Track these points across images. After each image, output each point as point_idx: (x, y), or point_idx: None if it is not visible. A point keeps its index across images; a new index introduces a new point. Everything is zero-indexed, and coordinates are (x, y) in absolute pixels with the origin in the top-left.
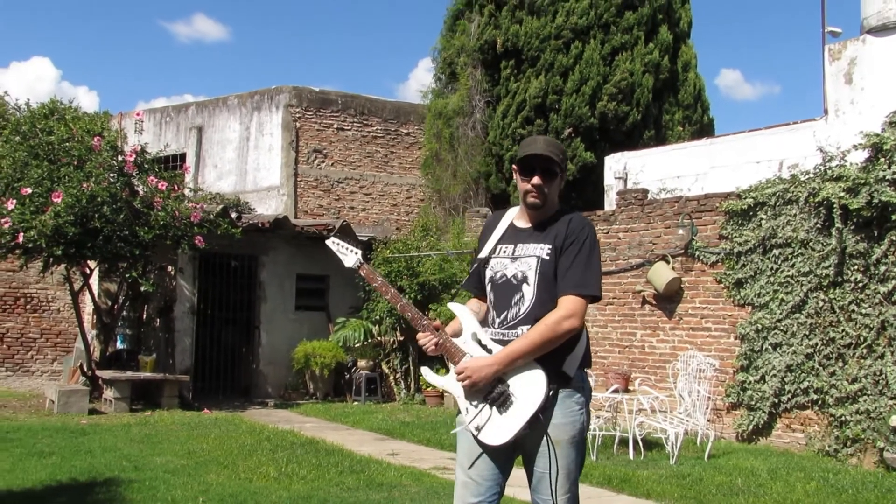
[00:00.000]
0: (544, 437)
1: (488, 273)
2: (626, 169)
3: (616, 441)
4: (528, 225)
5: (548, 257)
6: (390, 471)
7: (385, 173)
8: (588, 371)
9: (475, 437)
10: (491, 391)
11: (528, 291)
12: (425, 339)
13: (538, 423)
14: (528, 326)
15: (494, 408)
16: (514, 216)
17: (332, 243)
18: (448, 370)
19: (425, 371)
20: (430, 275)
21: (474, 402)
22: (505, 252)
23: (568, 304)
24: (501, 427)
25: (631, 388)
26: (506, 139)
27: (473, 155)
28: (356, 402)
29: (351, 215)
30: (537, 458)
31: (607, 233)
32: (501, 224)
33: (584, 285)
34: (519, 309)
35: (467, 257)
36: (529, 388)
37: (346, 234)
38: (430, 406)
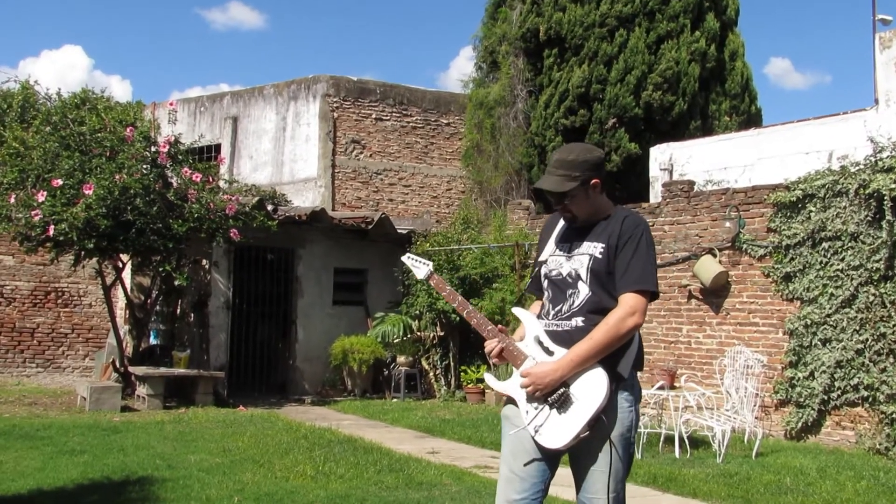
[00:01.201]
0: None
1: (544, 271)
2: (671, 160)
3: (662, 439)
4: (583, 226)
5: (600, 256)
6: (430, 469)
7: (425, 164)
8: (640, 373)
9: (533, 439)
10: (552, 393)
11: (583, 287)
12: (491, 346)
13: (600, 424)
14: (582, 318)
15: (554, 409)
16: None
17: (407, 259)
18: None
19: (488, 378)
20: (471, 269)
21: (535, 404)
22: (561, 251)
23: (629, 301)
24: (561, 429)
25: (677, 384)
26: (548, 129)
27: (515, 146)
28: (395, 399)
29: (390, 207)
30: (585, 457)
31: (652, 226)
32: (559, 226)
33: (643, 281)
34: (573, 302)
35: (509, 251)
36: (591, 388)
37: (384, 226)
38: (471, 403)
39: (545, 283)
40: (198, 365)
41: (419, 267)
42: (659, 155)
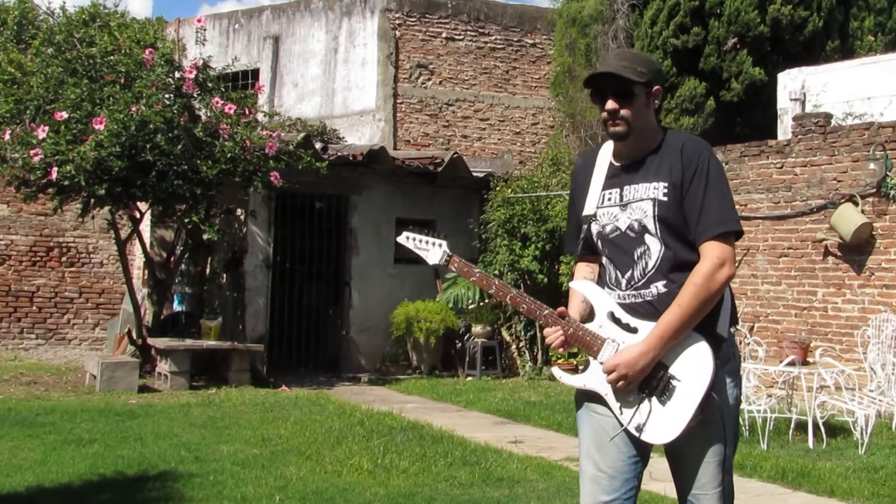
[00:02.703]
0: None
1: (595, 228)
2: (804, 88)
3: (792, 425)
4: (630, 160)
5: (665, 198)
6: (512, 462)
7: (506, 94)
8: (746, 334)
9: (637, 439)
10: (648, 379)
11: (653, 242)
12: (552, 335)
13: (711, 404)
14: (663, 281)
15: (654, 399)
16: (611, 153)
17: (407, 240)
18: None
19: (557, 372)
20: (562, 220)
21: (629, 398)
22: (610, 199)
23: (714, 250)
24: (668, 420)
25: (810, 359)
26: (655, 51)
27: None
28: (470, 378)
29: (463, 146)
30: (688, 445)
31: (781, 168)
32: (599, 165)
33: (724, 222)
34: (646, 264)
35: None
36: (693, 364)
37: (456, 168)
38: (561, 382)
39: (599, 244)
40: (231, 336)
41: (428, 249)
42: (789, 82)
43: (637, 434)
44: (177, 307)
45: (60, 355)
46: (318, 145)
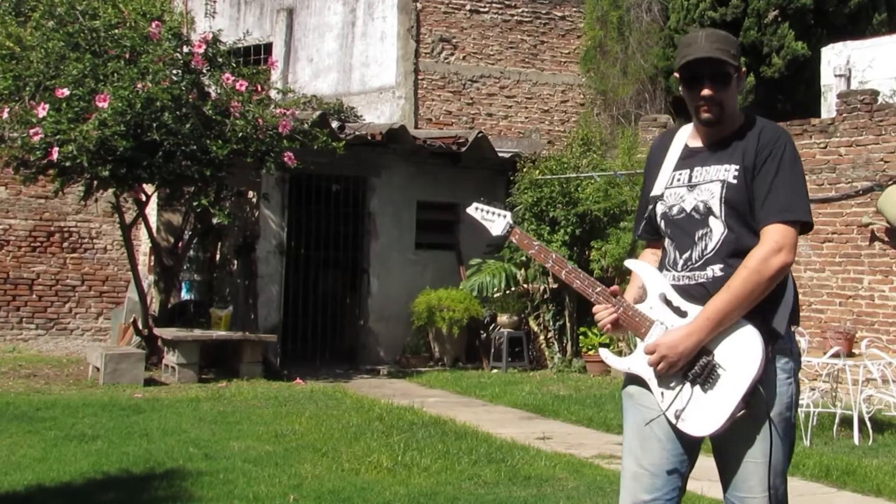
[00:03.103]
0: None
1: (660, 208)
2: (849, 64)
3: (837, 421)
4: (706, 143)
5: (735, 181)
6: (540, 460)
7: (533, 70)
8: (796, 329)
9: (674, 427)
10: (692, 365)
11: (717, 224)
12: (603, 313)
13: (756, 398)
14: (720, 266)
15: (697, 386)
16: (689, 135)
17: (475, 210)
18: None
19: (605, 354)
20: (593, 203)
21: (671, 383)
22: (679, 180)
23: (773, 235)
24: (710, 410)
25: (856, 351)
26: (691, 24)
27: (649, 45)
28: (495, 370)
29: (489, 124)
30: (735, 444)
31: (824, 148)
32: (673, 147)
33: (790, 209)
34: (706, 245)
35: (641, 180)
36: (741, 353)
37: (481, 148)
38: (592, 374)
39: (662, 225)
40: (242, 326)
41: (493, 220)
42: (833, 57)
43: (675, 421)
44: (185, 295)
45: (61, 346)
46: (334, 124)
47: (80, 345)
